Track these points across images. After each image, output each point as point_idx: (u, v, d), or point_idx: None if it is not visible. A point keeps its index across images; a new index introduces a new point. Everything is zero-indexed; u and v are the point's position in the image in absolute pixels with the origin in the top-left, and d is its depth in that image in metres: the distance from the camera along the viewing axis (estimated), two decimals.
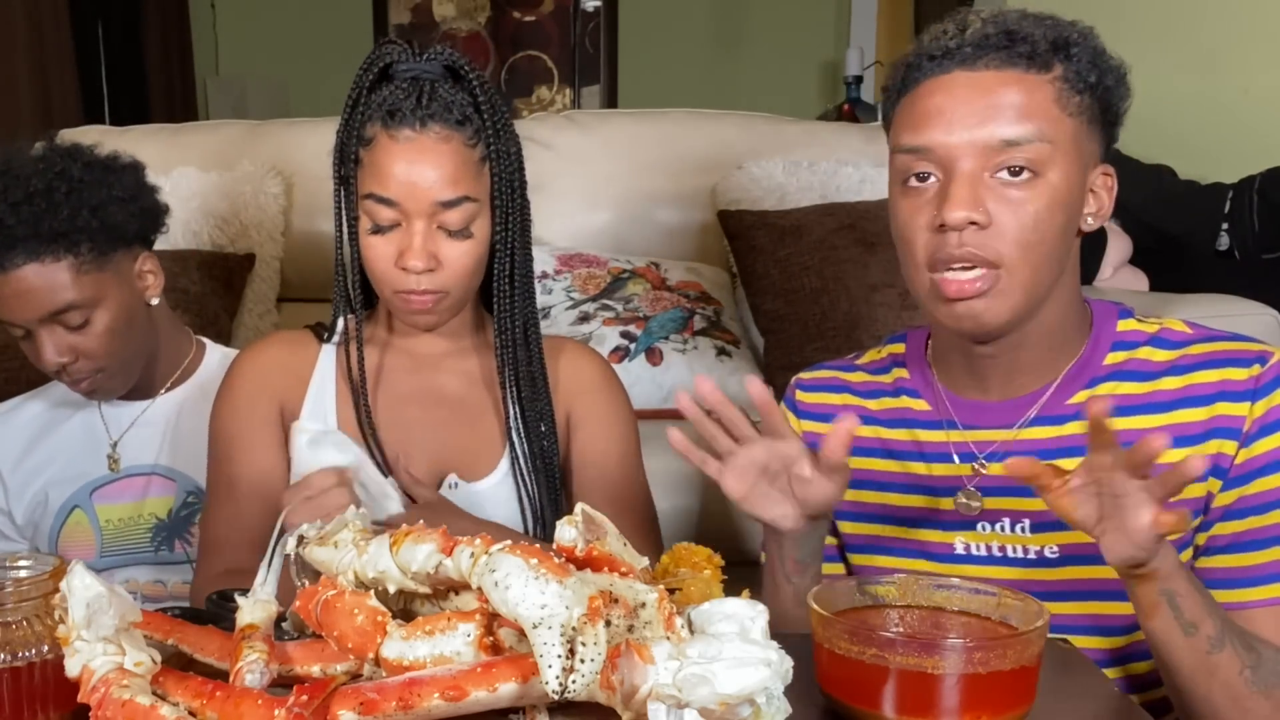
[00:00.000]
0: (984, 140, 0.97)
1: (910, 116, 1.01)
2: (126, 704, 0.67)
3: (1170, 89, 2.66)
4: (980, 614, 0.82)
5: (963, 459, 1.08)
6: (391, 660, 0.73)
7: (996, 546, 1.06)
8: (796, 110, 3.21)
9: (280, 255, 2.16)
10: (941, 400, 1.11)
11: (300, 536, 0.85)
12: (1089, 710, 0.83)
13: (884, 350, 1.20)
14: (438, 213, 1.16)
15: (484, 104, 1.17)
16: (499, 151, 1.19)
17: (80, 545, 1.48)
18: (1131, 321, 1.08)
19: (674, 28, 5.10)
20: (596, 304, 2.04)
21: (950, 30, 1.01)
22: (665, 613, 0.69)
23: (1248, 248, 2.41)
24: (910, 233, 1.01)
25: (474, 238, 1.18)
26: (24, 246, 1.31)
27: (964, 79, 0.99)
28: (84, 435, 1.51)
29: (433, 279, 1.17)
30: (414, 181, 1.14)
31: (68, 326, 1.35)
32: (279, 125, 2.34)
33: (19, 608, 0.75)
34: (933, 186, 1.00)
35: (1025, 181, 0.97)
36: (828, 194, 2.12)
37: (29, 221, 1.31)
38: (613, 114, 2.81)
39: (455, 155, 1.16)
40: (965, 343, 1.06)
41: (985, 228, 0.97)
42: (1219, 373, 1.01)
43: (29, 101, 3.59)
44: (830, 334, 1.96)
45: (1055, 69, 0.98)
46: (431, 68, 1.17)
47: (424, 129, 1.14)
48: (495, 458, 1.27)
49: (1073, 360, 1.06)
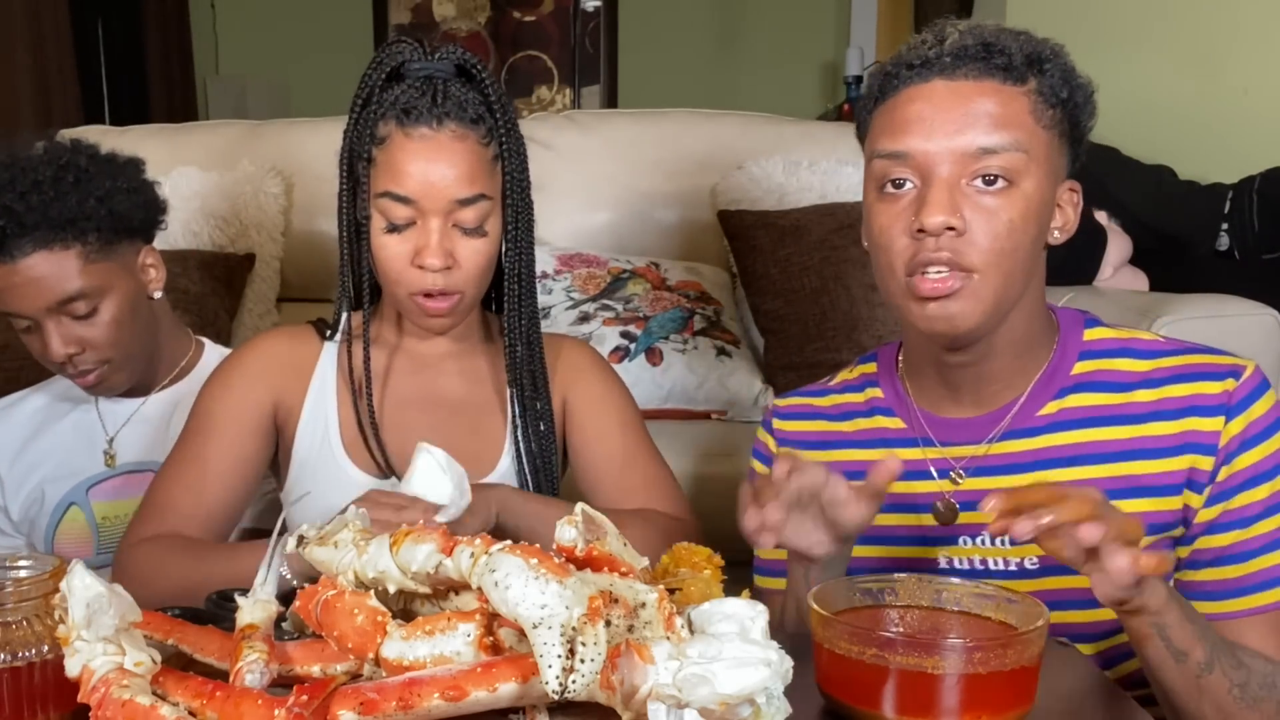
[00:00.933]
0: (962, 147, 0.98)
1: (889, 123, 1.02)
2: (126, 704, 0.67)
3: (1170, 89, 2.66)
4: (980, 614, 0.82)
5: (940, 475, 1.09)
6: (391, 660, 0.73)
7: (979, 560, 1.07)
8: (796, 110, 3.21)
9: (280, 255, 2.17)
10: (915, 417, 1.11)
11: (300, 536, 0.85)
12: (1089, 710, 0.83)
13: (856, 370, 1.20)
14: (454, 211, 1.16)
15: (495, 103, 1.18)
16: (510, 150, 1.20)
17: (77, 542, 1.48)
18: (1099, 330, 1.09)
19: (674, 28, 5.10)
20: (596, 304, 2.04)
21: (929, 41, 1.02)
22: (665, 613, 0.69)
23: (1248, 248, 2.41)
24: (887, 238, 1.01)
25: (488, 236, 1.19)
26: (33, 235, 1.32)
27: (943, 87, 1.00)
28: (80, 432, 1.51)
29: (449, 278, 1.17)
30: (431, 180, 1.15)
31: (74, 316, 1.36)
32: (279, 125, 2.34)
33: (19, 608, 0.75)
34: (910, 193, 1.00)
35: (1000, 190, 0.98)
36: (828, 194, 2.12)
37: (38, 209, 1.32)
38: (613, 114, 2.81)
39: (471, 153, 1.16)
40: (936, 351, 1.06)
41: (961, 234, 0.98)
42: (1192, 386, 1.02)
43: (29, 101, 3.59)
44: (830, 334, 1.96)
45: (1030, 82, 1.00)
46: (443, 67, 1.17)
47: (440, 127, 1.15)
48: (495, 457, 1.27)
49: (1040, 370, 1.07)
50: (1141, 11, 2.72)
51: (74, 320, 1.37)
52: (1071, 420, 1.05)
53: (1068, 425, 1.04)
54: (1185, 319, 1.77)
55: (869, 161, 1.05)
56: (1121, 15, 2.70)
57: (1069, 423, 1.05)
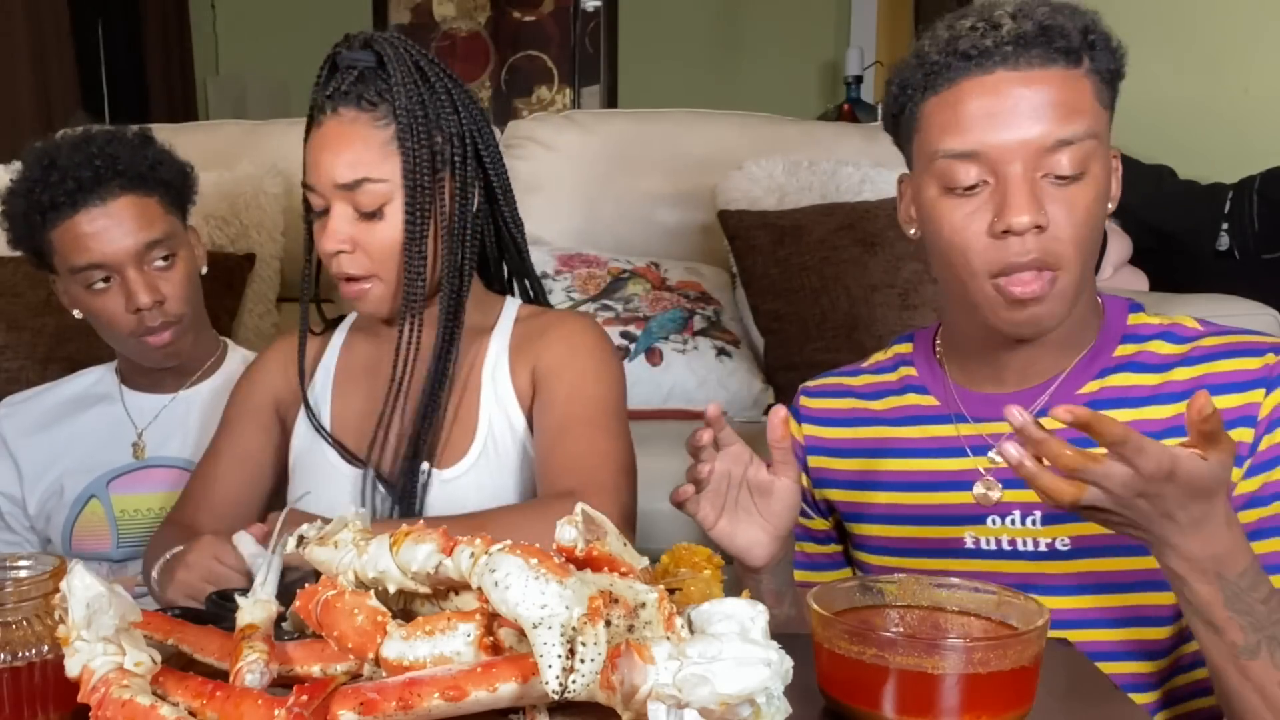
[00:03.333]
0: (1038, 142, 0.95)
1: (953, 120, 0.98)
2: (126, 704, 0.67)
3: (1170, 89, 2.66)
4: (980, 614, 0.82)
5: (975, 452, 1.07)
6: (391, 660, 0.73)
7: (1006, 540, 1.05)
8: (796, 110, 3.21)
9: (280, 255, 2.16)
10: (950, 394, 1.10)
11: (300, 536, 0.85)
12: (1089, 710, 0.82)
13: (890, 351, 1.19)
14: (344, 196, 1.18)
15: (398, 84, 1.17)
16: (411, 127, 1.18)
17: (96, 536, 1.48)
18: (1142, 315, 1.08)
19: (674, 28, 5.10)
20: (596, 304, 2.04)
21: (981, 27, 0.97)
22: (665, 613, 0.69)
23: (1248, 248, 2.41)
24: (963, 239, 0.98)
25: (386, 220, 1.19)
26: (121, 180, 1.40)
27: (1009, 78, 0.96)
28: (107, 426, 1.53)
29: (354, 261, 1.19)
30: (319, 164, 1.19)
31: (155, 266, 1.42)
32: (279, 125, 2.34)
33: (19, 608, 0.75)
34: (983, 191, 0.97)
35: (1075, 179, 0.96)
36: (828, 194, 2.12)
37: (124, 158, 1.40)
38: (613, 114, 2.81)
39: (356, 138, 1.18)
40: (993, 342, 1.05)
41: (1045, 229, 0.95)
42: (1231, 363, 1.01)
43: (29, 101, 3.59)
44: (830, 334, 1.96)
45: (1085, 62, 0.97)
46: (360, 56, 1.20)
47: (333, 114, 1.19)
48: (466, 444, 1.25)
49: (1084, 350, 1.06)
50: (1142, 11, 2.72)
51: (154, 271, 1.42)
52: (1111, 399, 1.03)
53: (1108, 404, 1.02)
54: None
55: (929, 159, 1.01)
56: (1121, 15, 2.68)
57: (1109, 401, 1.03)
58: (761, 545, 0.98)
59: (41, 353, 1.90)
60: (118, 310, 1.41)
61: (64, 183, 1.37)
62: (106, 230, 1.38)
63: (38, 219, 1.40)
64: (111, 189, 1.39)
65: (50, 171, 1.38)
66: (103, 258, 1.39)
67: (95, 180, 1.38)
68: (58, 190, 1.37)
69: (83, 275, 1.40)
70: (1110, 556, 1.00)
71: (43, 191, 1.38)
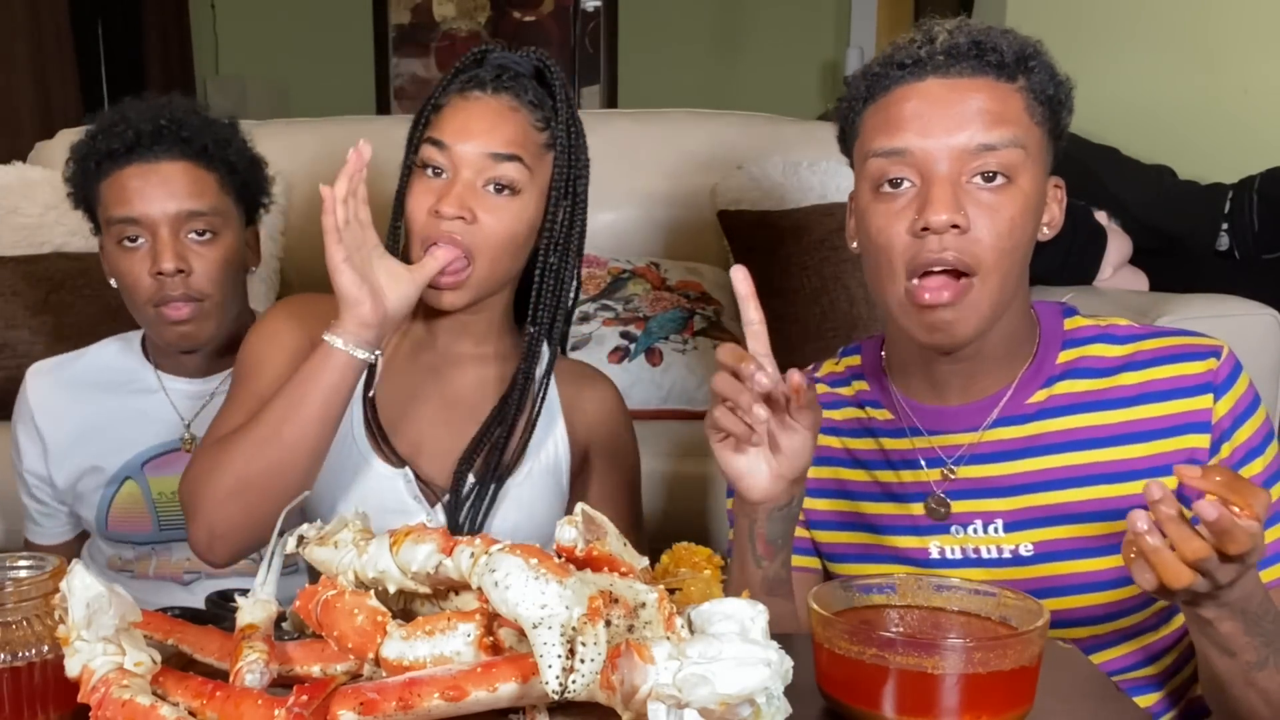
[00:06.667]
0: (962, 144, 0.98)
1: (884, 121, 1.01)
2: (126, 704, 0.67)
3: (1170, 89, 2.66)
4: (980, 614, 0.82)
5: (930, 464, 1.09)
6: (391, 660, 0.73)
7: (970, 549, 1.06)
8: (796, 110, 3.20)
9: (280, 255, 2.17)
10: (902, 409, 1.11)
11: (300, 536, 0.85)
12: (1089, 710, 0.83)
13: (841, 363, 1.20)
14: (487, 167, 1.16)
15: (561, 102, 1.20)
16: (566, 146, 1.20)
17: (134, 518, 1.46)
18: (1077, 319, 1.09)
19: (674, 28, 5.10)
20: (596, 304, 2.04)
21: (918, 40, 1.02)
22: (665, 613, 0.69)
23: (1248, 248, 2.41)
24: (886, 237, 1.00)
25: (517, 202, 1.17)
26: (182, 146, 1.39)
27: (938, 85, 1.00)
28: (146, 409, 1.48)
29: (465, 229, 1.15)
30: (471, 130, 1.16)
31: (192, 238, 1.39)
32: (279, 125, 2.34)
33: (19, 608, 0.75)
34: (909, 191, 1.00)
35: (1000, 187, 0.98)
36: (828, 194, 2.12)
37: (191, 126, 1.41)
38: (613, 114, 2.81)
39: (519, 124, 1.17)
40: (926, 354, 1.06)
41: (965, 232, 0.97)
42: (1175, 368, 1.03)
43: (29, 101, 3.60)
44: (830, 334, 1.96)
45: (1019, 80, 1.00)
46: (522, 63, 1.20)
47: (495, 95, 1.17)
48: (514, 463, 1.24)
49: (1026, 362, 1.07)
50: (1141, 11, 2.72)
51: (189, 242, 1.39)
52: (1060, 407, 1.05)
53: (1057, 412, 1.05)
54: (1185, 319, 1.77)
55: (863, 162, 1.04)
56: (1122, 15, 2.70)
57: (1058, 409, 1.05)
58: (760, 475, 0.95)
59: (41, 352, 1.90)
60: (141, 273, 1.38)
61: (124, 134, 1.38)
62: (151, 188, 1.38)
63: (93, 166, 1.40)
64: (171, 150, 1.39)
65: (118, 123, 1.39)
66: (139, 213, 1.37)
67: (155, 137, 1.38)
68: (116, 140, 1.38)
69: (117, 228, 1.39)
70: (1072, 560, 1.01)
71: (104, 140, 1.39)
